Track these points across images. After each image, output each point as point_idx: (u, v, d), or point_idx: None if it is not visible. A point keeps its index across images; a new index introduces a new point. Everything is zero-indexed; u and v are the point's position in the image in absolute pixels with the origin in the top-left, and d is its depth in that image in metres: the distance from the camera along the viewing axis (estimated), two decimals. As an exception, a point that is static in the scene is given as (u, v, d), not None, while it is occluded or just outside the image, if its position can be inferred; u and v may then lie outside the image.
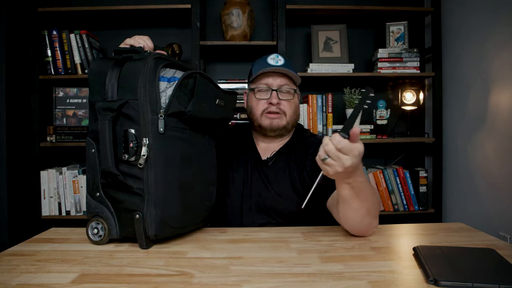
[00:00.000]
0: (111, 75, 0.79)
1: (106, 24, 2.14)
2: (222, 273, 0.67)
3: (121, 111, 0.79)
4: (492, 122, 1.65)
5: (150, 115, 0.77)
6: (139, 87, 0.77)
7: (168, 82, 0.80)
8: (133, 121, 0.78)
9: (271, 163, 1.12)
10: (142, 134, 0.77)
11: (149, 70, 0.77)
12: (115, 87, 0.78)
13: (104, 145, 0.78)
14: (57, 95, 2.02)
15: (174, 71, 0.83)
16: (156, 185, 0.78)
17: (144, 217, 0.77)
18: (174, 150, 0.82)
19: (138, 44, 0.89)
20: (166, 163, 0.79)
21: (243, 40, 2.00)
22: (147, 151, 0.76)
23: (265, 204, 1.08)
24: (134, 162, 0.78)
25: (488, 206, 1.67)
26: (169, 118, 0.80)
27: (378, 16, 2.14)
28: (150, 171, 0.77)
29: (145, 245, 0.79)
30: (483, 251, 0.74)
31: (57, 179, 1.94)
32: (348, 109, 2.07)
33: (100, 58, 0.88)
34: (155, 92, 0.78)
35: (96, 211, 0.82)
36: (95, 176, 0.82)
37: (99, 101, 0.81)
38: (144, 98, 0.77)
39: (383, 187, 2.02)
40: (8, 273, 0.66)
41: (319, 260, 0.73)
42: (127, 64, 0.80)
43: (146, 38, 0.92)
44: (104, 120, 0.78)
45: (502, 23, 1.58)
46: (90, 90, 0.84)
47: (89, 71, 0.84)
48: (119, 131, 0.79)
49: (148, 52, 0.84)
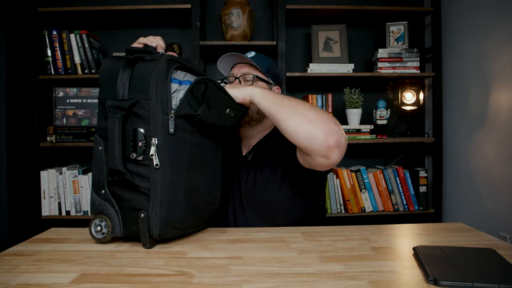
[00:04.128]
0: (122, 74, 0.79)
1: (106, 24, 2.14)
2: (222, 273, 0.67)
3: (132, 110, 0.79)
4: (492, 122, 1.65)
5: (160, 115, 0.77)
6: (151, 87, 0.77)
7: (180, 85, 0.81)
8: (143, 120, 0.78)
9: (250, 157, 1.13)
10: (152, 134, 0.77)
11: (161, 71, 0.78)
12: (126, 86, 0.79)
13: (113, 143, 0.78)
14: (57, 95, 2.02)
15: (185, 73, 0.83)
16: (162, 185, 0.78)
17: (149, 217, 0.77)
18: (182, 151, 0.82)
19: (152, 43, 0.89)
20: (173, 164, 0.80)
21: (243, 40, 2.00)
22: (155, 151, 0.77)
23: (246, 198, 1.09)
24: (141, 161, 0.78)
25: (488, 206, 1.67)
26: (179, 119, 0.80)
27: (378, 16, 2.14)
28: (158, 171, 0.77)
29: (148, 245, 0.79)
30: (483, 251, 0.74)
31: (57, 179, 1.94)
32: (348, 109, 2.07)
33: (112, 57, 0.88)
34: (167, 93, 0.78)
35: (100, 208, 0.82)
36: (101, 173, 0.82)
37: (109, 99, 0.81)
38: (155, 98, 0.77)
39: (383, 187, 2.02)
40: (8, 273, 0.66)
41: (319, 260, 0.73)
42: (139, 64, 0.81)
43: (159, 39, 0.93)
44: (115, 118, 0.78)
45: (502, 23, 1.59)
46: (100, 88, 0.84)
47: (101, 70, 0.85)
48: (128, 130, 0.79)
49: (160, 53, 0.85)
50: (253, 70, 1.14)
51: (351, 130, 2.03)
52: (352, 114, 2.06)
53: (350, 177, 2.01)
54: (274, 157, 1.10)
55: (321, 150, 0.87)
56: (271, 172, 1.08)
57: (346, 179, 2.01)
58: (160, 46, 0.91)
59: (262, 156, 1.12)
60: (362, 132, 2.03)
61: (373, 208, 2.01)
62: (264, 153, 1.12)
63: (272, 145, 1.12)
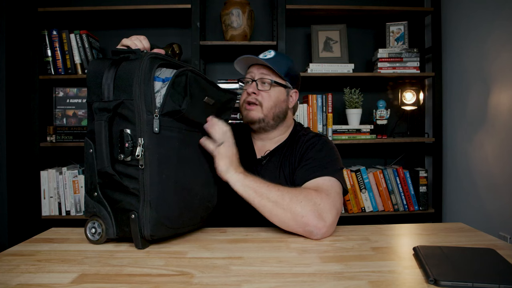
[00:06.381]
0: (107, 75, 0.79)
1: (106, 24, 2.14)
2: (222, 273, 0.67)
3: (117, 111, 0.79)
4: (492, 122, 1.65)
5: (145, 115, 0.77)
6: (134, 87, 0.77)
7: (163, 82, 0.80)
8: (129, 121, 0.78)
9: (264, 162, 1.12)
10: (138, 134, 0.77)
11: (144, 70, 0.77)
12: (111, 87, 0.78)
13: (100, 145, 0.78)
14: (57, 95, 2.02)
15: (171, 71, 0.82)
16: (151, 185, 0.77)
17: (139, 217, 0.77)
18: (169, 150, 0.81)
19: (135, 46, 0.88)
20: (161, 163, 0.79)
21: (243, 40, 2.00)
22: (142, 151, 0.77)
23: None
24: (130, 162, 0.78)
25: (488, 206, 1.67)
26: (165, 118, 0.80)
27: (378, 16, 2.14)
28: (145, 171, 0.77)
29: (140, 245, 0.79)
30: (483, 251, 0.74)
31: (57, 179, 1.94)
32: (348, 109, 2.07)
33: (98, 59, 0.88)
34: (150, 92, 0.78)
35: (94, 210, 0.82)
36: (92, 176, 0.82)
37: (96, 102, 0.81)
38: (139, 98, 0.77)
39: (383, 187, 2.02)
40: (8, 273, 0.66)
41: (319, 260, 0.73)
42: (123, 64, 0.80)
43: (143, 38, 0.92)
44: (100, 120, 0.78)
45: (502, 23, 1.58)
46: (88, 90, 0.84)
47: (87, 72, 0.84)
48: (115, 131, 0.79)
49: (144, 52, 0.84)
50: (272, 73, 1.11)
51: (351, 130, 2.03)
52: (352, 114, 2.06)
53: (350, 177, 2.01)
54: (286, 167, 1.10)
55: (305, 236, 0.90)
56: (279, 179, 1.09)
57: (346, 179, 2.01)
58: (143, 46, 0.90)
59: (276, 163, 1.11)
60: (362, 132, 2.03)
61: (373, 208, 2.01)
62: (279, 159, 1.12)
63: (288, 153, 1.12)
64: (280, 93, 1.13)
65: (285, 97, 1.15)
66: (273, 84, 1.11)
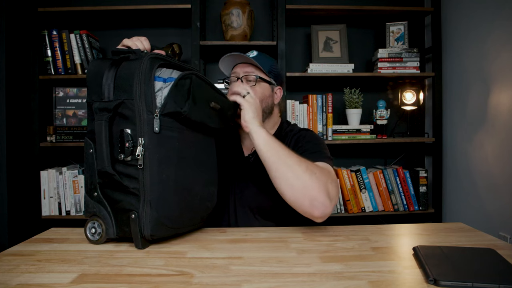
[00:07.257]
0: (107, 75, 0.79)
1: (106, 24, 2.14)
2: (222, 273, 0.67)
3: (117, 111, 0.79)
4: (492, 122, 1.65)
5: (145, 115, 0.77)
6: (134, 87, 0.77)
7: (164, 82, 0.80)
8: (129, 121, 0.78)
9: (252, 159, 1.12)
10: (138, 134, 0.77)
11: (144, 69, 0.77)
12: (111, 87, 0.78)
13: (100, 145, 0.78)
14: (57, 95, 2.02)
15: (171, 71, 0.82)
16: (151, 185, 0.77)
17: (139, 217, 0.77)
18: (170, 150, 0.81)
19: (136, 46, 0.88)
20: (161, 163, 0.79)
21: (243, 40, 2.00)
22: (142, 151, 0.77)
23: (247, 200, 1.09)
24: (130, 162, 0.78)
25: (488, 206, 1.67)
26: (165, 118, 0.80)
27: (378, 16, 2.14)
28: (145, 171, 0.77)
29: (140, 245, 0.79)
30: (483, 251, 0.74)
31: (57, 179, 1.94)
32: (348, 109, 2.07)
33: (98, 59, 0.88)
34: (151, 92, 0.78)
35: (94, 210, 0.82)
36: (92, 176, 0.82)
37: (96, 101, 0.81)
38: (139, 98, 0.77)
39: (383, 187, 2.02)
40: (8, 273, 0.66)
41: (319, 260, 0.73)
42: (124, 64, 0.80)
43: (144, 39, 0.92)
44: (101, 120, 0.78)
45: (502, 23, 1.59)
46: (88, 90, 0.84)
47: (87, 72, 0.85)
48: (115, 131, 0.79)
49: (145, 52, 0.84)
50: (256, 70, 1.13)
51: (351, 130, 2.03)
52: (352, 114, 2.06)
53: (350, 177, 2.01)
54: None
55: (305, 214, 0.90)
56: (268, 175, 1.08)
57: (346, 179, 2.01)
58: (144, 47, 0.90)
59: None
60: (362, 132, 2.03)
61: (373, 208, 2.01)
62: None
63: None
64: (265, 89, 1.14)
65: (271, 93, 1.16)
66: (258, 80, 1.12)
